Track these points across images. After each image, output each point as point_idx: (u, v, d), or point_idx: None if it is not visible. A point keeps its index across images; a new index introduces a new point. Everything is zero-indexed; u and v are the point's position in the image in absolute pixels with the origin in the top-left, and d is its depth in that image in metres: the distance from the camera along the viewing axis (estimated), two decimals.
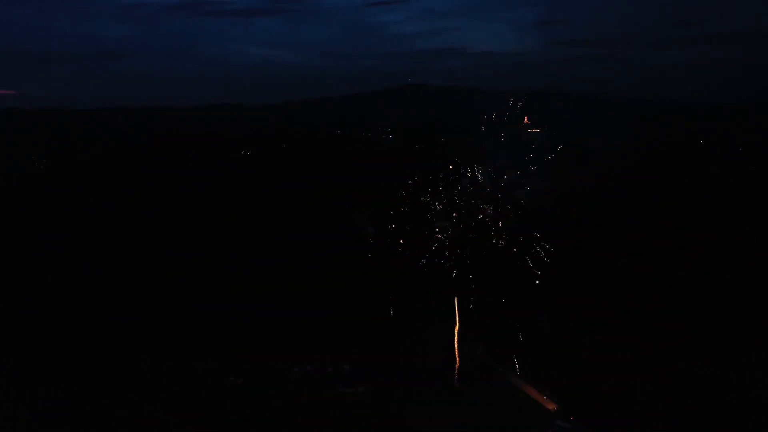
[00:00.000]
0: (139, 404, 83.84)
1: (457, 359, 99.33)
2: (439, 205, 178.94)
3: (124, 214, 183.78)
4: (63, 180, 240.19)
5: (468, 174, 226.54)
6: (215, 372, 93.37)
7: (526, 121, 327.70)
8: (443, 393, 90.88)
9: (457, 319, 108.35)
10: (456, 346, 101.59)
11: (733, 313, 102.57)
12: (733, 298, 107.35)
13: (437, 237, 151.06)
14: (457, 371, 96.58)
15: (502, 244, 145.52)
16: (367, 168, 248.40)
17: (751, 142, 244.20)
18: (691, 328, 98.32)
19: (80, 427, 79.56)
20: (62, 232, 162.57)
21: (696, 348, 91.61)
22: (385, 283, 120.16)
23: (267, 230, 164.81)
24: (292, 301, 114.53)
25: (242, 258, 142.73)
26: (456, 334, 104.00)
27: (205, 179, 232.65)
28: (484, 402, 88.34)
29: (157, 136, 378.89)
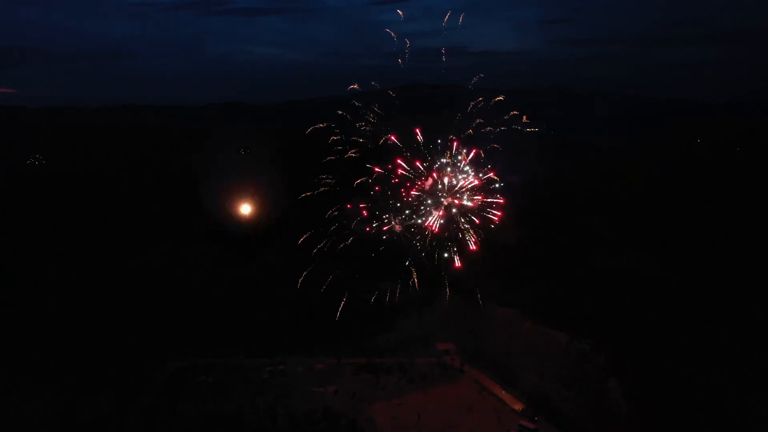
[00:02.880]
0: (111, 402, 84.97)
1: (428, 358, 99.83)
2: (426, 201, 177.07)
3: (123, 213, 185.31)
4: (66, 178, 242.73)
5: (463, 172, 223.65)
6: (187, 370, 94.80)
7: (525, 120, 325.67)
8: (412, 392, 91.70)
9: (431, 317, 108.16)
10: (428, 345, 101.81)
11: (720, 315, 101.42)
12: (727, 300, 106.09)
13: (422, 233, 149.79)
14: (427, 370, 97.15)
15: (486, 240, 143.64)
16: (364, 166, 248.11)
17: (751, 142, 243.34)
18: (665, 332, 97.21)
19: (52, 424, 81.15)
20: (64, 231, 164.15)
21: (668, 351, 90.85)
22: (364, 281, 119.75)
23: (261, 229, 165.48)
24: (271, 300, 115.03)
25: (229, 257, 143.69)
26: (429, 332, 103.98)
27: (206, 178, 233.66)
28: (451, 401, 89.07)
29: (162, 134, 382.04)
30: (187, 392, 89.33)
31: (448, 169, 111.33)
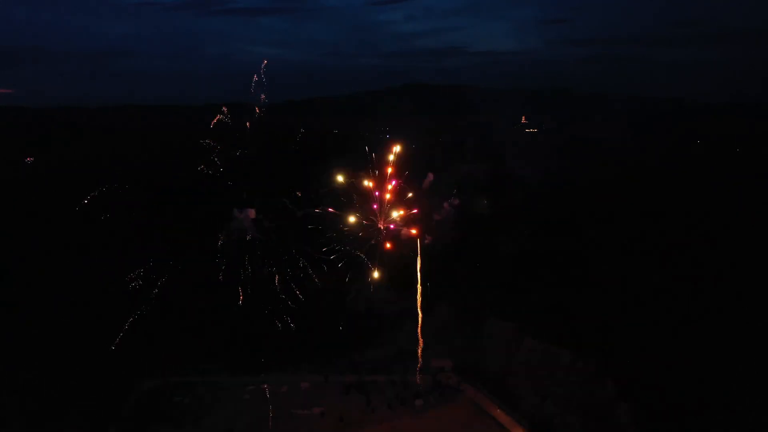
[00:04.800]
0: (84, 422, 78.80)
1: (422, 377, 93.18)
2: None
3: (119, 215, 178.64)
4: (65, 179, 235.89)
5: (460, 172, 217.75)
6: (164, 390, 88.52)
7: (523, 120, 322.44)
8: (404, 413, 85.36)
9: (424, 331, 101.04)
10: (421, 362, 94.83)
11: (722, 320, 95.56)
12: (727, 304, 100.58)
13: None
14: (421, 389, 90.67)
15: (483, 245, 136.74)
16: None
17: (750, 142, 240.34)
18: (679, 350, 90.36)
19: None
20: (61, 233, 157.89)
21: (683, 372, 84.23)
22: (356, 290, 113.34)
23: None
24: (256, 311, 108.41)
25: (219, 262, 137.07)
26: (422, 348, 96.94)
27: (205, 179, 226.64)
28: (446, 424, 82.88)
29: (162, 134, 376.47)
30: (160, 414, 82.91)
31: None
